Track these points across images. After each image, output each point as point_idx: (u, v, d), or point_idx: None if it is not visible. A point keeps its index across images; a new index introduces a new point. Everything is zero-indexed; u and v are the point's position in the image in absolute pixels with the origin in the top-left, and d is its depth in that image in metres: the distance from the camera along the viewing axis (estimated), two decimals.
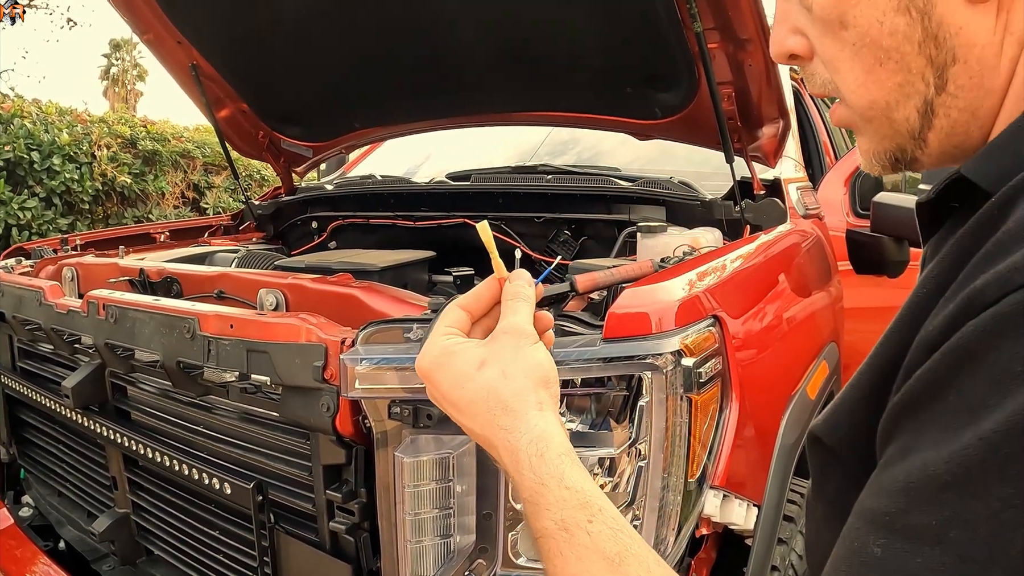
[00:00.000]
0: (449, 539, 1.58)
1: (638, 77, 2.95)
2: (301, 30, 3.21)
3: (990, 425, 0.55)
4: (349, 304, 2.00)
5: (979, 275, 0.60)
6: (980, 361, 0.58)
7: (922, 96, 0.84)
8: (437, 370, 1.04)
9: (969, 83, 0.81)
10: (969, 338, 0.59)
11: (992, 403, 0.56)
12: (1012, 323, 0.56)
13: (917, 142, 0.87)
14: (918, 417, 0.63)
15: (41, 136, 6.60)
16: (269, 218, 4.23)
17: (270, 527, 1.87)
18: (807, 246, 2.93)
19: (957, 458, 0.57)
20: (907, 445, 0.63)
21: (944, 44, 0.80)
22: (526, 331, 1.05)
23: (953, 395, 0.59)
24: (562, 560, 0.89)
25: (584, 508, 0.91)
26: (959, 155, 0.88)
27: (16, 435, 3.06)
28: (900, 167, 0.92)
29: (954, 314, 0.61)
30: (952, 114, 0.84)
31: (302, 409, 1.72)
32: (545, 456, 0.95)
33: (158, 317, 2.03)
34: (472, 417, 1.01)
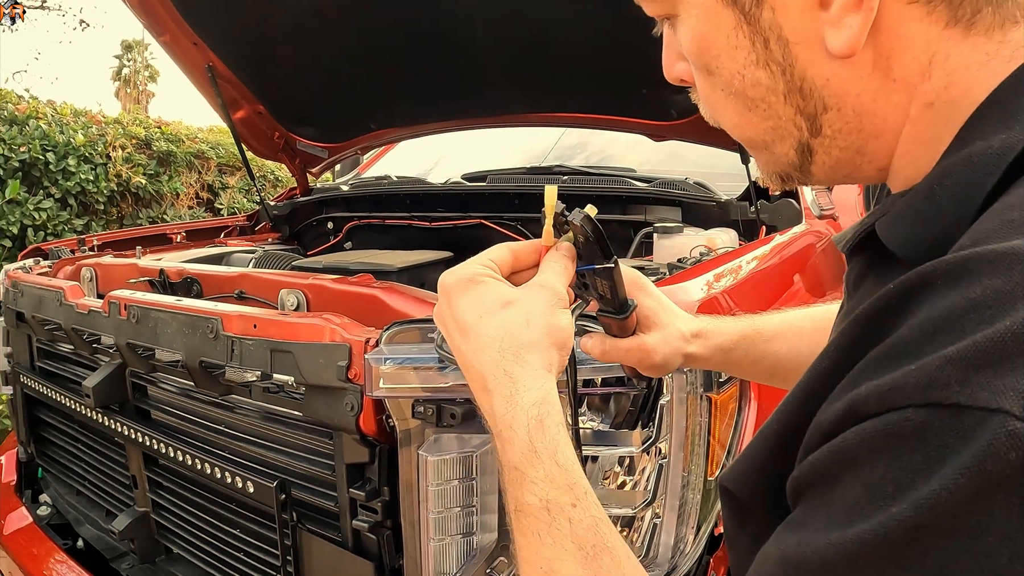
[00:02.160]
0: (471, 537, 1.58)
1: (654, 79, 2.92)
2: (317, 32, 3.22)
3: (851, 535, 0.57)
4: (370, 304, 2.01)
5: (866, 379, 0.61)
6: (859, 468, 0.59)
7: (796, 139, 0.83)
8: (461, 291, 1.02)
9: (846, 127, 0.80)
10: (850, 443, 0.60)
11: (863, 513, 0.57)
12: (888, 442, 0.57)
13: (801, 173, 0.87)
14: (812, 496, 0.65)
15: (56, 137, 6.62)
16: (284, 219, 4.24)
17: (293, 525, 1.87)
18: (822, 247, 2.93)
19: (820, 554, 0.59)
20: (802, 516, 0.65)
21: (811, 95, 0.79)
22: (560, 292, 1.04)
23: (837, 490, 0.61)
24: (538, 541, 0.88)
25: (570, 490, 0.89)
26: (851, 180, 0.88)
27: (34, 434, 3.07)
28: (792, 185, 0.92)
29: (840, 413, 0.62)
30: (833, 152, 0.83)
31: (326, 408, 1.73)
32: (545, 423, 0.93)
33: (181, 317, 2.05)
34: (476, 351, 0.99)
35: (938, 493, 0.53)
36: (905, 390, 0.57)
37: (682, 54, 0.91)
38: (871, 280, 0.82)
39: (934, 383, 0.55)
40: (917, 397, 0.56)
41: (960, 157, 0.72)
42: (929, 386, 0.56)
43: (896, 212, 0.76)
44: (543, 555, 0.87)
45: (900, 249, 0.74)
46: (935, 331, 0.58)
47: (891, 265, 0.74)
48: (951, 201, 0.71)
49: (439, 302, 1.06)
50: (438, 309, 1.06)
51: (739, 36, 0.80)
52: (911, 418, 0.56)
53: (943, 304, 0.59)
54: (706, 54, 0.84)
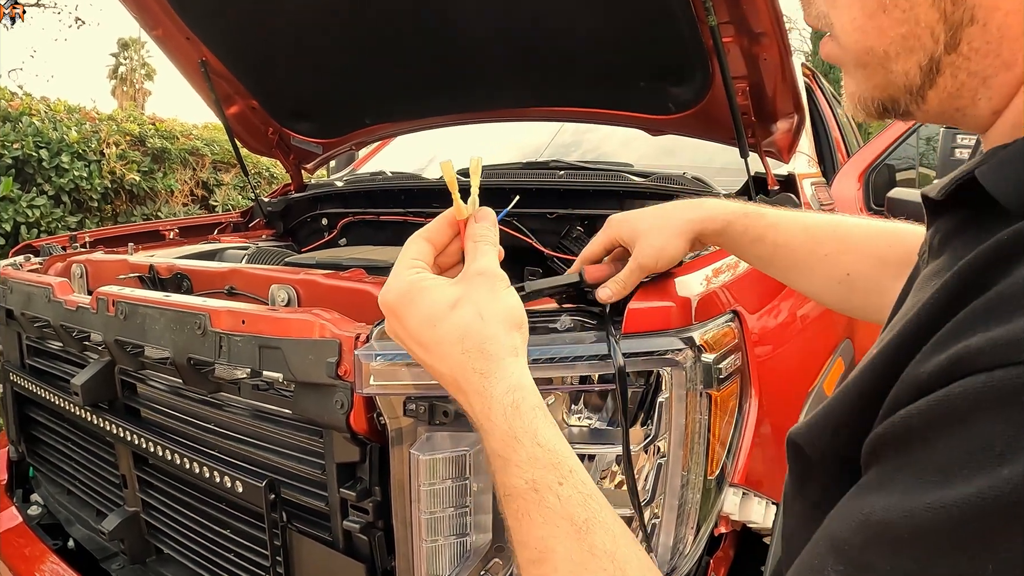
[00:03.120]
0: (465, 538, 1.56)
1: (651, 72, 2.93)
2: (311, 26, 3.19)
3: (956, 496, 0.54)
4: (362, 300, 1.98)
5: (975, 330, 0.58)
6: (962, 426, 0.56)
7: (928, 52, 0.76)
8: (406, 305, 1.01)
9: (985, 47, 0.73)
10: (957, 398, 0.57)
11: (964, 473, 0.54)
12: (1003, 399, 0.54)
13: (914, 97, 0.80)
14: (895, 456, 0.62)
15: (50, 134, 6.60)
16: (279, 215, 4.21)
17: (282, 526, 1.85)
18: None
19: (917, 518, 0.56)
20: (881, 478, 0.62)
21: (963, 1, 0.72)
22: (499, 274, 1.04)
23: (930, 449, 0.58)
24: (529, 522, 0.87)
25: (555, 468, 0.89)
26: (959, 118, 0.81)
27: (25, 433, 3.04)
28: (888, 116, 0.85)
29: (946, 366, 0.58)
30: (960, 76, 0.76)
31: (315, 406, 1.70)
32: (520, 408, 0.93)
33: (168, 313, 2.01)
34: (441, 358, 0.98)
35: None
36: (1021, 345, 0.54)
37: None
38: (968, 236, 0.76)
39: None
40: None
41: None
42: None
43: (1001, 159, 0.71)
44: (535, 535, 0.87)
45: (1005, 196, 0.69)
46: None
47: (990, 222, 0.69)
48: None
49: (387, 322, 1.06)
50: (389, 328, 1.06)
51: None
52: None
53: None
54: None
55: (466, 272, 1.04)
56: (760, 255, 1.48)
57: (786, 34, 2.46)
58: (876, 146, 4.16)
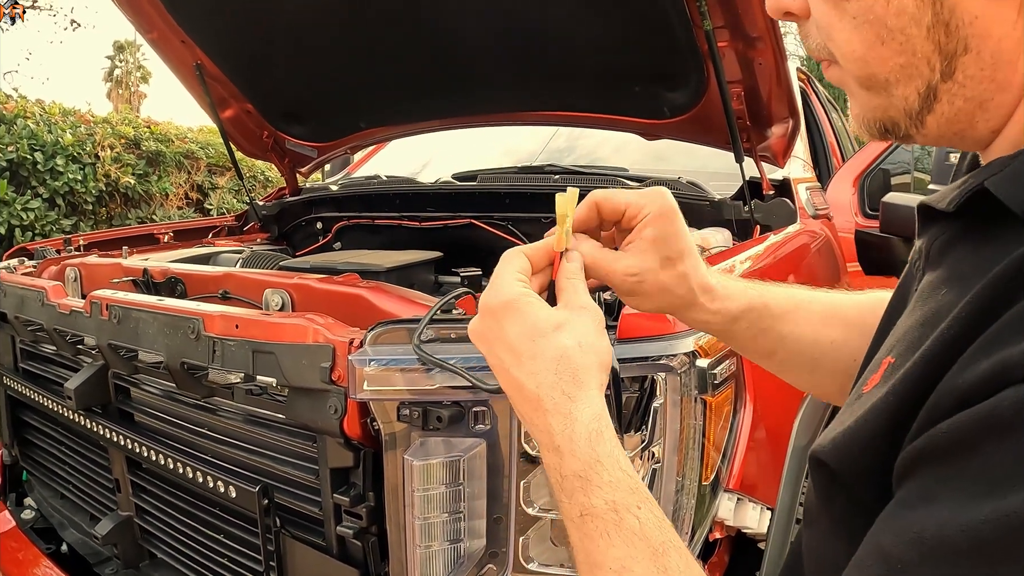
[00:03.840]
0: (459, 543, 1.56)
1: (647, 76, 2.93)
2: (306, 29, 3.19)
3: (1011, 506, 0.54)
4: (356, 304, 1.98)
5: (1015, 340, 0.58)
6: (1012, 434, 0.56)
7: (925, 80, 0.79)
8: (510, 313, 1.01)
9: (979, 74, 0.76)
10: (1005, 407, 0.57)
11: (1017, 483, 0.55)
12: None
13: (914, 121, 0.82)
14: (939, 469, 0.62)
15: (45, 137, 6.59)
16: (273, 219, 4.22)
17: (276, 531, 1.84)
18: (816, 247, 2.92)
19: (973, 530, 0.56)
20: (926, 492, 0.62)
21: (955, 32, 0.75)
22: (601, 315, 1.05)
23: (979, 461, 0.58)
24: (607, 542, 0.88)
25: (635, 493, 0.91)
26: (958, 141, 0.84)
27: (18, 437, 3.04)
28: (889, 138, 0.88)
29: (990, 375, 0.59)
30: (957, 102, 0.79)
31: (309, 411, 1.70)
32: (604, 435, 0.94)
33: (162, 317, 2.01)
34: (530, 373, 0.98)
35: None
36: None
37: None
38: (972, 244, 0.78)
39: None
40: None
41: None
42: None
43: (1015, 170, 0.73)
44: (613, 555, 0.88)
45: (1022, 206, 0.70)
46: None
47: (1002, 226, 0.71)
48: None
49: (482, 323, 1.04)
50: (481, 330, 1.04)
51: None
52: None
53: None
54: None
55: (569, 302, 1.04)
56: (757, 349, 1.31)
57: (781, 38, 2.47)
58: (871, 151, 4.16)
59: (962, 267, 0.67)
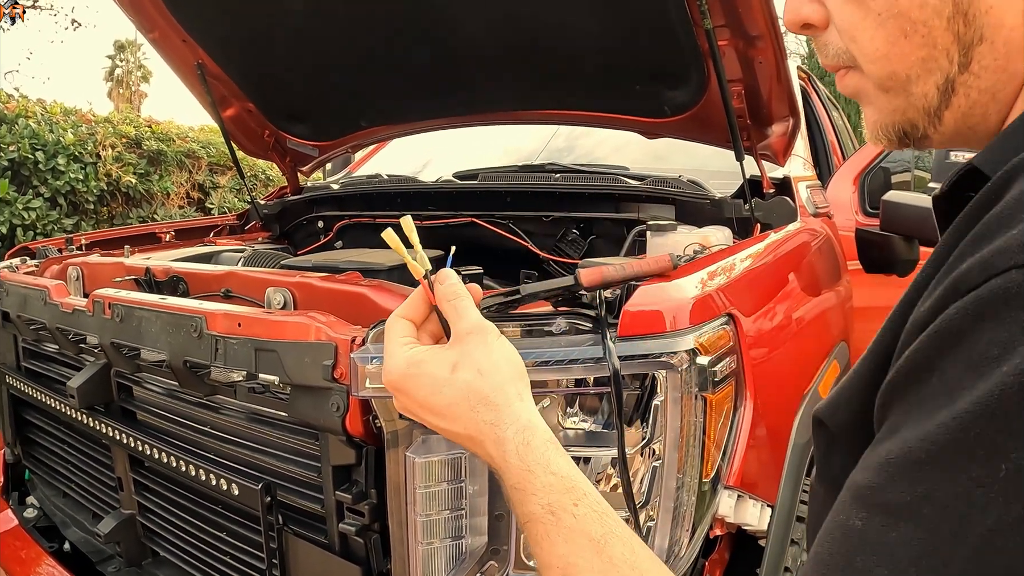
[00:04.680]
0: (460, 540, 1.56)
1: (647, 75, 2.93)
2: (307, 28, 3.20)
3: (963, 406, 0.57)
4: (358, 302, 1.99)
5: (966, 257, 0.61)
6: (960, 343, 0.59)
7: (944, 73, 0.81)
8: (409, 380, 1.06)
9: (993, 64, 0.79)
10: (951, 320, 0.60)
11: (967, 384, 0.57)
12: (992, 307, 0.57)
13: (932, 119, 0.85)
14: (905, 397, 0.64)
15: (46, 136, 6.59)
16: (275, 218, 4.22)
17: (278, 528, 1.85)
18: (817, 245, 2.92)
19: (931, 437, 0.59)
20: (895, 424, 0.65)
21: (973, 22, 0.77)
22: (487, 326, 1.09)
23: (936, 376, 0.61)
24: (549, 543, 0.92)
25: (570, 492, 0.94)
26: (971, 137, 0.86)
27: (21, 435, 3.05)
28: (908, 143, 0.90)
29: (942, 296, 0.61)
30: (972, 94, 0.81)
31: (311, 409, 1.70)
32: (531, 444, 0.98)
33: (164, 316, 2.02)
34: (453, 420, 1.03)
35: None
36: (1007, 253, 0.57)
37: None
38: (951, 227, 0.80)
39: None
40: (1020, 257, 0.56)
41: None
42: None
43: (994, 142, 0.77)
44: (557, 553, 0.92)
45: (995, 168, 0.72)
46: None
47: None
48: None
49: (397, 399, 1.11)
50: (401, 405, 1.12)
51: None
52: (1015, 278, 0.56)
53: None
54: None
55: (456, 333, 1.08)
56: None
57: (781, 37, 2.47)
58: (871, 149, 4.17)
59: None
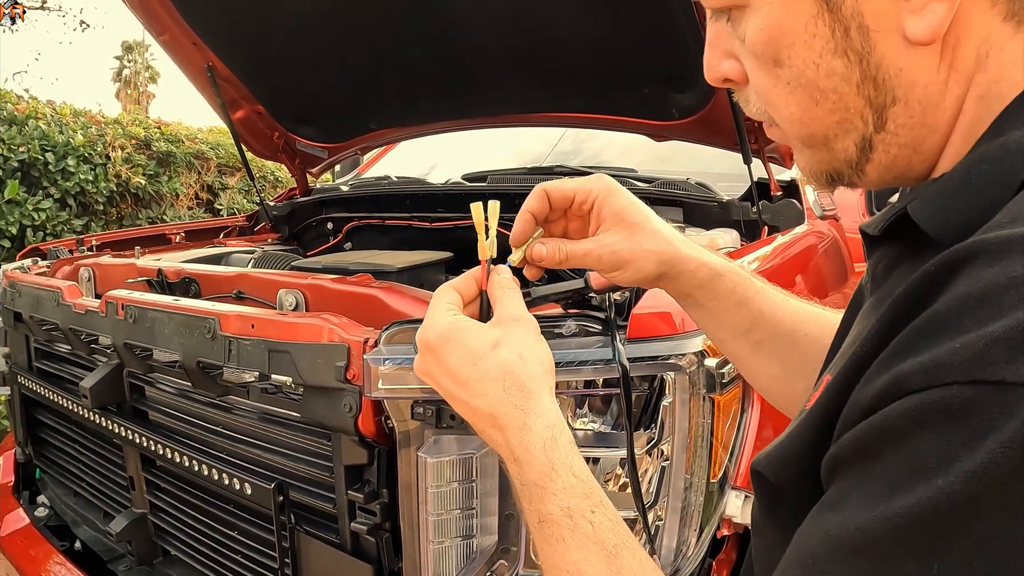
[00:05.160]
0: (471, 540, 1.58)
1: (655, 78, 2.94)
2: (317, 31, 3.22)
3: (897, 508, 0.59)
4: (369, 304, 2.00)
5: (907, 355, 0.63)
6: (900, 442, 0.61)
7: (860, 133, 0.83)
8: (446, 343, 1.06)
9: (910, 122, 0.80)
10: (893, 419, 0.62)
11: (906, 486, 0.59)
12: (932, 416, 0.59)
13: (855, 170, 0.86)
14: (849, 473, 0.67)
15: (56, 137, 6.62)
16: (284, 219, 4.24)
17: (291, 527, 1.86)
18: (824, 247, 2.93)
19: (865, 530, 0.62)
20: (840, 494, 0.67)
21: (883, 86, 0.79)
22: (533, 322, 1.10)
23: (878, 465, 0.63)
24: (563, 546, 0.93)
25: (588, 498, 0.95)
26: (900, 182, 0.88)
27: (32, 435, 3.06)
28: (837, 186, 0.91)
29: (883, 388, 0.63)
30: (892, 150, 0.83)
31: (324, 409, 1.72)
32: (558, 442, 0.99)
33: (178, 317, 2.04)
34: (480, 395, 1.03)
35: (985, 466, 0.55)
36: (950, 367, 0.59)
37: (731, 52, 0.90)
38: (904, 267, 0.82)
39: (980, 361, 0.57)
40: (962, 374, 0.58)
41: (997, 144, 0.74)
42: (975, 363, 0.57)
43: (929, 195, 0.77)
44: (569, 559, 0.93)
45: (935, 229, 0.74)
46: (975, 306, 0.60)
47: (924, 251, 0.75)
48: (988, 185, 0.72)
49: (422, 358, 1.10)
50: (423, 366, 1.11)
51: (818, 24, 0.79)
52: (956, 394, 0.58)
53: (983, 279, 0.61)
54: (778, 43, 0.82)
55: (500, 316, 1.09)
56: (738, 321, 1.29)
57: None
58: None
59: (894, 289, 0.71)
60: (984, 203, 0.71)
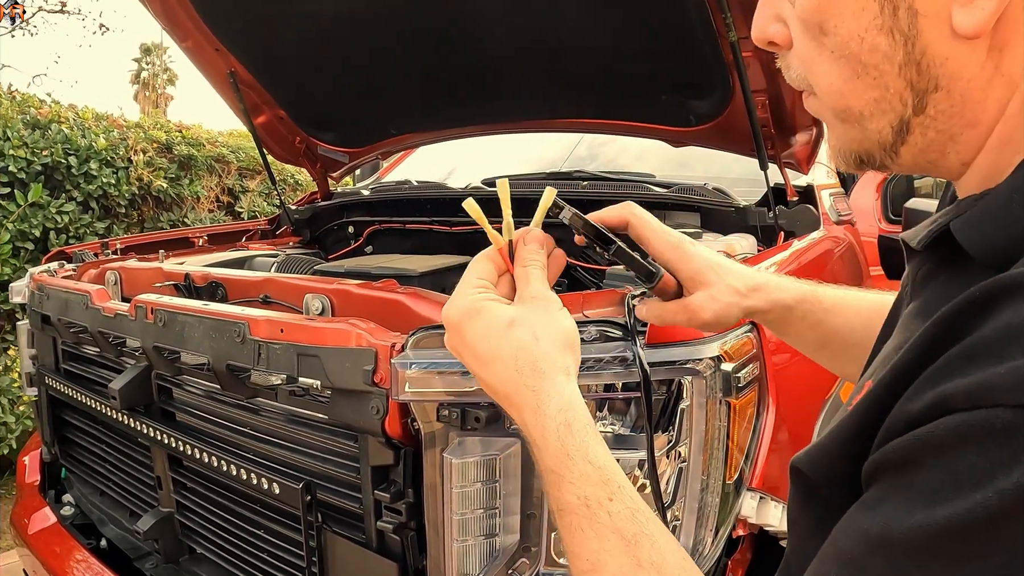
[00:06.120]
0: (494, 538, 1.61)
1: (673, 85, 2.97)
2: (338, 37, 3.25)
3: (936, 517, 0.62)
4: (394, 309, 2.03)
5: (953, 377, 0.65)
6: (944, 454, 0.64)
7: (898, 115, 0.83)
8: (466, 321, 1.06)
9: (950, 110, 0.81)
10: (938, 434, 0.64)
11: (947, 497, 0.62)
12: (976, 434, 0.61)
13: (888, 152, 0.87)
14: (891, 479, 0.69)
15: (78, 141, 6.65)
16: (306, 222, 4.28)
17: (318, 526, 1.90)
18: (840, 252, 2.95)
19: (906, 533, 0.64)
20: (880, 496, 0.70)
21: (926, 72, 0.79)
22: (552, 297, 1.09)
23: (921, 474, 0.65)
24: (581, 536, 0.93)
25: (606, 485, 0.94)
26: (931, 169, 0.88)
27: (59, 435, 3.11)
28: (866, 168, 0.92)
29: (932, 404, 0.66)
30: (929, 134, 0.83)
31: (351, 412, 1.75)
32: (572, 427, 0.98)
33: (208, 321, 2.08)
34: (496, 373, 1.03)
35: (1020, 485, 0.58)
36: (996, 390, 0.61)
37: (780, 16, 0.91)
38: (943, 279, 0.85)
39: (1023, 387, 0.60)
40: (1008, 398, 0.61)
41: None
42: (1020, 389, 0.60)
43: (972, 215, 0.78)
44: (589, 548, 0.93)
45: (975, 250, 0.76)
46: (1018, 336, 0.63)
47: (964, 265, 0.77)
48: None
49: (448, 334, 1.10)
50: (450, 343, 1.11)
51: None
52: (1000, 416, 0.61)
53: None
54: (826, 12, 0.83)
55: (521, 296, 1.09)
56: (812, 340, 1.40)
57: None
58: None
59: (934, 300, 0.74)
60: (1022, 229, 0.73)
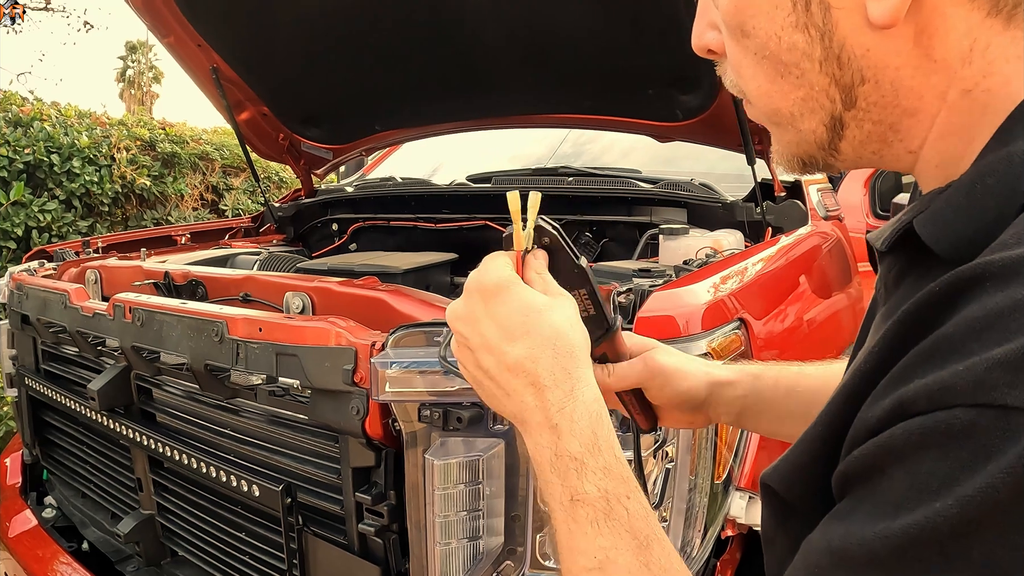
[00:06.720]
0: (477, 541, 1.59)
1: (660, 79, 2.95)
2: (322, 33, 3.23)
3: (898, 527, 0.60)
4: (376, 308, 2.01)
5: (913, 378, 0.63)
6: (906, 462, 0.62)
7: (828, 111, 0.82)
8: (501, 292, 1.00)
9: (882, 101, 0.79)
10: (899, 440, 0.62)
11: (908, 506, 0.60)
12: (935, 438, 0.59)
13: (828, 151, 0.85)
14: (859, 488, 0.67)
15: (61, 139, 6.63)
16: (289, 220, 4.26)
17: (298, 529, 1.87)
18: (827, 248, 2.94)
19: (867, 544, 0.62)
20: (851, 506, 0.68)
21: (848, 65, 0.78)
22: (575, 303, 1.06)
23: (884, 483, 0.64)
24: (595, 530, 0.89)
25: (625, 483, 0.92)
26: (878, 161, 0.86)
27: (39, 437, 3.08)
28: (812, 171, 0.91)
29: (889, 410, 0.64)
30: (865, 127, 0.82)
31: (331, 412, 1.73)
32: (603, 419, 0.95)
33: (186, 320, 2.05)
34: (527, 347, 0.97)
35: (984, 490, 0.56)
36: (954, 390, 0.59)
37: (714, 23, 0.90)
38: (912, 278, 0.81)
39: (983, 385, 0.58)
40: (965, 398, 0.58)
41: (1001, 156, 0.72)
42: (978, 387, 0.58)
43: (935, 209, 0.76)
44: (599, 544, 0.89)
45: (940, 246, 0.74)
46: (981, 330, 0.60)
47: (930, 263, 0.75)
48: (992, 199, 0.71)
49: (468, 302, 1.03)
50: (464, 311, 1.04)
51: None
52: (959, 417, 0.58)
53: (989, 304, 0.61)
54: (743, 13, 0.82)
55: (549, 290, 1.05)
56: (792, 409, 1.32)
57: None
58: None
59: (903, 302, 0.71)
60: (989, 219, 0.70)
